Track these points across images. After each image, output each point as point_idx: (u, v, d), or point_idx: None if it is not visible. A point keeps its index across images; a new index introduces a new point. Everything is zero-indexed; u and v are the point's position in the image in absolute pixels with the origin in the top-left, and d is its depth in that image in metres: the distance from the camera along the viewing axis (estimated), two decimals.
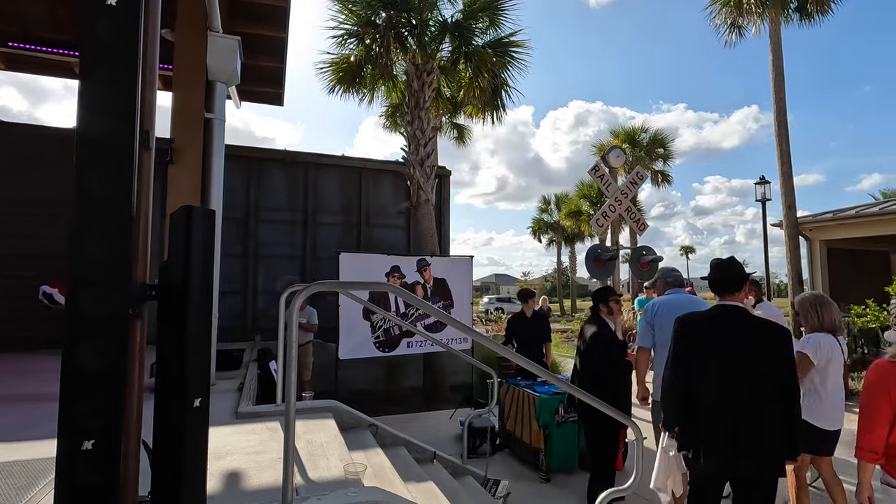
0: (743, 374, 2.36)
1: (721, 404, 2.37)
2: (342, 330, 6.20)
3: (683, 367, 2.48)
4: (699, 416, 2.41)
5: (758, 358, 2.37)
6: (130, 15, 1.14)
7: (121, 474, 1.11)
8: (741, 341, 2.41)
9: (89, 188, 1.11)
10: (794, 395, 2.38)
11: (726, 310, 2.51)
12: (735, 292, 2.53)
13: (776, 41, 11.55)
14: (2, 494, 2.15)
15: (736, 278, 2.55)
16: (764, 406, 2.34)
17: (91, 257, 1.10)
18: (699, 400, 2.41)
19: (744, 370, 2.36)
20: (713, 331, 2.48)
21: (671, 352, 2.57)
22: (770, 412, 2.34)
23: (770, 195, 11.73)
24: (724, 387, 2.38)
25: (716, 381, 2.40)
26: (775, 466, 2.36)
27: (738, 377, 2.37)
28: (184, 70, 4.46)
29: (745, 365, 2.37)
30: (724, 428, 2.34)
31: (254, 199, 8.52)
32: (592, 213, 26.05)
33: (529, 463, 4.80)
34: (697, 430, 2.41)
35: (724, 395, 2.37)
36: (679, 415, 2.51)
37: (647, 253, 6.97)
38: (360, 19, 8.17)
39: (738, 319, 2.48)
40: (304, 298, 1.94)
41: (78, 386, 1.07)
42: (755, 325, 2.51)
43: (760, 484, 2.37)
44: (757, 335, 2.43)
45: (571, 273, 37.01)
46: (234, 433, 3.08)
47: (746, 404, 2.34)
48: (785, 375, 2.38)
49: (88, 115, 1.11)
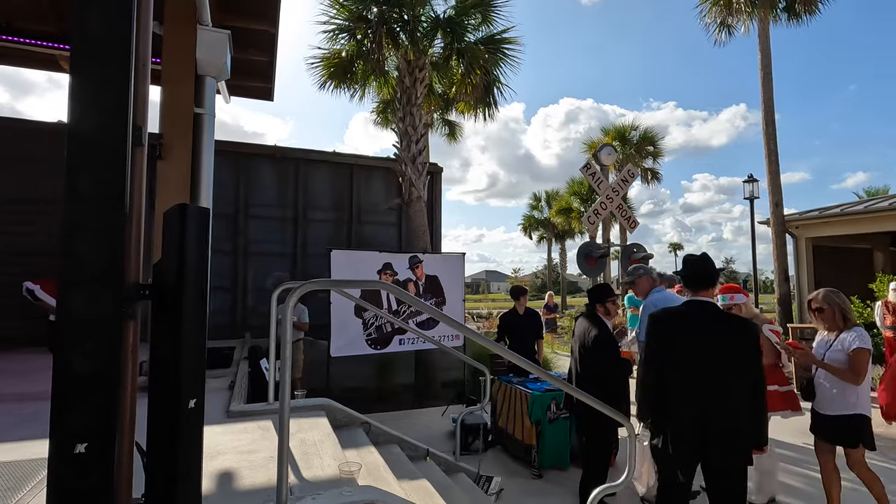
0: (713, 367, 2.46)
1: (691, 395, 2.46)
2: (334, 327, 6.17)
3: (657, 360, 2.57)
4: (670, 407, 2.50)
5: (728, 351, 2.47)
6: (123, 8, 1.11)
7: (114, 477, 1.09)
8: (713, 335, 2.51)
9: (81, 186, 1.08)
10: (761, 386, 2.50)
11: (699, 305, 2.60)
12: (708, 288, 2.63)
13: (765, 40, 11.68)
14: None
15: (709, 275, 2.64)
16: (733, 397, 2.43)
17: (83, 257, 1.08)
18: (671, 392, 2.50)
19: (714, 363, 2.46)
20: (687, 325, 2.57)
21: (645, 346, 2.67)
22: (738, 403, 2.42)
23: (758, 193, 11.89)
24: (695, 379, 2.47)
25: (687, 373, 2.48)
26: (742, 454, 2.45)
27: (708, 369, 2.46)
28: (173, 64, 4.38)
29: (715, 358, 2.47)
30: (693, 418, 2.43)
31: (243, 195, 8.43)
32: (583, 210, 26.21)
33: (522, 459, 4.83)
34: (668, 420, 2.50)
35: (694, 387, 2.46)
36: (652, 407, 2.60)
37: (638, 250, 7.03)
38: (351, 14, 8.10)
39: (710, 314, 2.58)
40: (298, 296, 1.92)
41: (71, 388, 1.04)
42: (726, 319, 2.62)
43: (730, 472, 2.45)
44: (728, 329, 2.54)
45: (562, 270, 37.21)
46: (226, 432, 3.05)
47: (716, 395, 2.43)
48: (752, 367, 2.47)
49: (80, 110, 1.08)
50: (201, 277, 1.28)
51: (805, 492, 4.09)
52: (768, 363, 3.82)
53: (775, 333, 3.89)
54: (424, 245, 8.28)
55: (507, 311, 6.22)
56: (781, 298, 11.36)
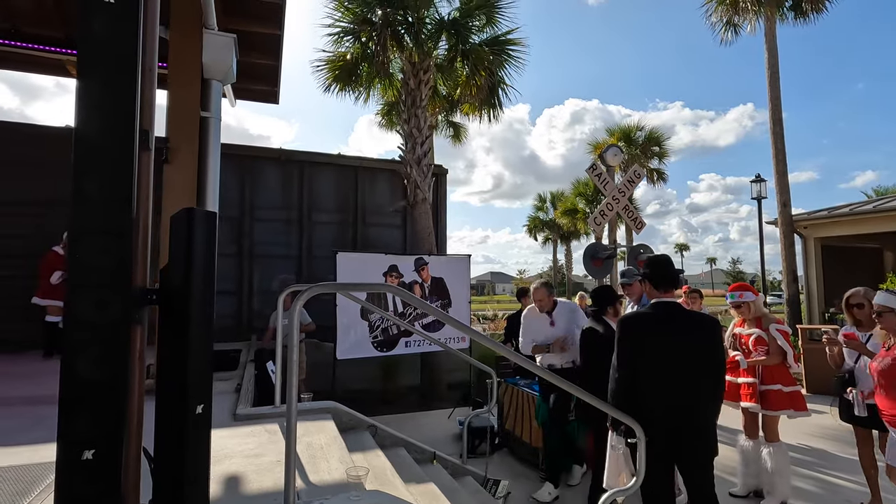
0: (682, 365, 2.55)
1: (662, 393, 2.56)
2: (340, 329, 6.16)
3: (628, 362, 2.64)
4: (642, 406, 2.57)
5: (695, 349, 2.58)
6: (129, 13, 1.11)
7: (122, 483, 1.09)
8: (680, 335, 2.60)
9: (88, 190, 1.08)
10: (723, 378, 2.66)
11: (664, 306, 2.69)
12: (673, 289, 2.75)
13: (771, 39, 11.60)
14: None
15: (673, 275, 2.76)
16: (700, 393, 2.55)
17: (90, 261, 1.07)
18: (644, 391, 2.59)
19: (682, 361, 2.56)
20: (654, 326, 2.65)
21: (616, 350, 2.71)
22: (705, 398, 2.56)
23: (765, 193, 11.79)
24: (665, 377, 2.56)
25: (657, 372, 2.57)
26: (710, 447, 2.57)
27: (677, 367, 2.55)
28: (179, 68, 4.40)
29: (683, 356, 2.56)
30: (664, 415, 2.53)
31: (248, 197, 8.46)
32: (588, 210, 26.09)
33: (529, 462, 4.79)
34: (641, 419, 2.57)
35: (665, 385, 2.56)
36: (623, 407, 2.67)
37: (645, 251, 6.99)
38: (356, 17, 8.11)
39: (676, 314, 2.67)
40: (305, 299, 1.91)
41: (78, 394, 1.04)
42: (691, 318, 2.73)
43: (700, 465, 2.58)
44: (694, 327, 2.64)
45: (567, 271, 37.09)
46: (233, 436, 3.05)
47: (685, 392, 2.54)
48: (716, 363, 2.61)
49: (87, 114, 1.08)
50: (208, 282, 1.28)
51: (816, 494, 4.04)
52: (775, 363, 3.78)
53: (783, 333, 3.85)
54: (430, 247, 8.27)
55: (514, 312, 6.19)
56: (790, 299, 11.25)
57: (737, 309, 4.06)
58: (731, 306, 4.13)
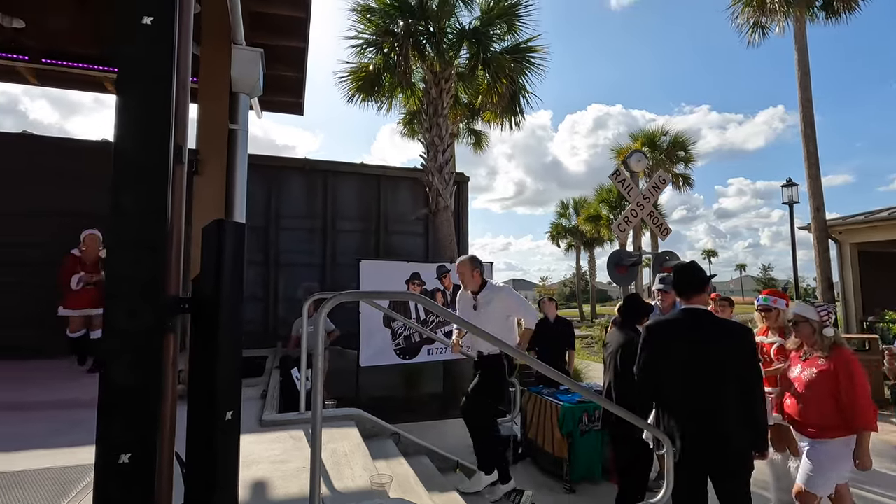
0: (708, 372, 2.49)
1: (690, 401, 2.50)
2: (363, 337, 6.22)
3: (651, 368, 2.61)
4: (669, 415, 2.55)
5: (723, 356, 2.50)
6: (165, 33, 1.15)
7: (156, 487, 1.12)
8: (707, 341, 2.53)
9: (125, 203, 1.12)
10: (757, 390, 2.51)
11: (691, 312, 2.63)
12: (698, 295, 2.66)
13: (801, 40, 11.30)
14: (37, 501, 2.19)
15: (697, 281, 2.67)
16: (728, 401, 2.45)
17: (127, 272, 1.11)
18: (670, 399, 2.56)
19: (709, 368, 2.49)
20: (681, 333, 2.60)
21: (639, 355, 2.67)
22: (734, 407, 2.45)
23: (797, 197, 11.42)
24: (694, 385, 2.50)
25: (683, 380, 2.52)
26: (740, 458, 2.47)
27: (703, 375, 2.49)
28: (208, 82, 4.54)
29: (710, 363, 2.50)
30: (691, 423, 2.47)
31: (274, 207, 8.64)
32: (612, 217, 25.74)
33: (552, 473, 4.72)
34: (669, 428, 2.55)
35: (693, 393, 2.50)
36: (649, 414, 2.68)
37: (671, 258, 6.85)
38: (378, 28, 8.24)
39: (703, 320, 2.60)
40: (330, 307, 1.94)
41: (115, 399, 1.07)
42: (720, 324, 2.64)
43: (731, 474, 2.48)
44: (723, 334, 2.56)
45: (591, 278, 36.58)
46: (259, 441, 3.10)
47: (712, 400, 2.47)
48: (747, 371, 2.50)
49: (125, 130, 1.13)
50: (238, 292, 1.31)
51: None
52: None
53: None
54: (452, 254, 8.28)
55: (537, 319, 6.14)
56: None
57: (765, 313, 3.95)
58: (758, 309, 4.02)
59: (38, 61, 6.13)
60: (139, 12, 1.13)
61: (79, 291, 5.14)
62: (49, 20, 5.67)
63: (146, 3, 1.14)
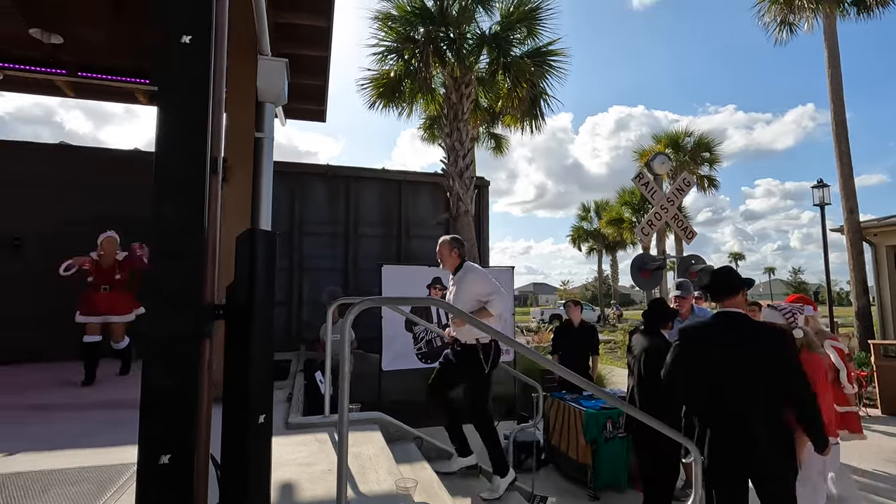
0: (744, 376, 2.45)
1: (726, 406, 2.46)
2: (385, 341, 6.26)
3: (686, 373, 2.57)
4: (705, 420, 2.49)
5: (759, 360, 2.46)
6: (202, 51, 1.21)
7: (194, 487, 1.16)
8: (743, 344, 2.49)
9: (165, 214, 1.18)
10: (803, 392, 2.42)
11: (726, 316, 2.60)
12: (731, 297, 2.63)
13: (831, 36, 10.99)
14: (74, 499, 2.28)
15: (733, 284, 2.65)
16: (765, 404, 2.41)
17: (167, 280, 1.17)
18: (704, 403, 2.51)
19: (745, 372, 2.45)
20: (715, 336, 2.57)
21: (671, 360, 2.65)
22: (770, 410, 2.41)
23: (829, 199, 11.06)
24: (728, 388, 2.46)
25: (720, 383, 2.48)
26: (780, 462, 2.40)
27: (740, 378, 2.45)
28: (235, 92, 4.65)
29: (746, 367, 2.45)
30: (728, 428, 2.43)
31: (298, 212, 8.79)
32: (634, 220, 25.37)
33: (576, 479, 4.68)
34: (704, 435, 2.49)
35: (728, 396, 2.46)
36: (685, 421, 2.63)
37: (696, 262, 6.72)
38: (399, 36, 8.35)
39: (739, 324, 2.57)
40: (356, 313, 1.97)
41: (155, 401, 1.12)
42: (756, 328, 2.60)
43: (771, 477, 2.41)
44: (758, 337, 2.52)
45: (613, 282, 36.09)
46: (286, 444, 3.15)
47: (747, 404, 2.42)
48: (788, 374, 2.44)
49: (165, 144, 1.18)
50: (269, 299, 1.36)
51: None
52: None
53: (837, 351, 3.62)
54: (472, 259, 8.29)
55: (561, 324, 6.10)
56: (860, 311, 10.47)
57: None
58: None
59: (75, 75, 6.38)
60: (178, 32, 1.19)
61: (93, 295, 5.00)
62: (86, 35, 5.91)
63: (184, 24, 1.19)
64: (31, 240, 6.81)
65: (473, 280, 3.61)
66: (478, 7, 8.52)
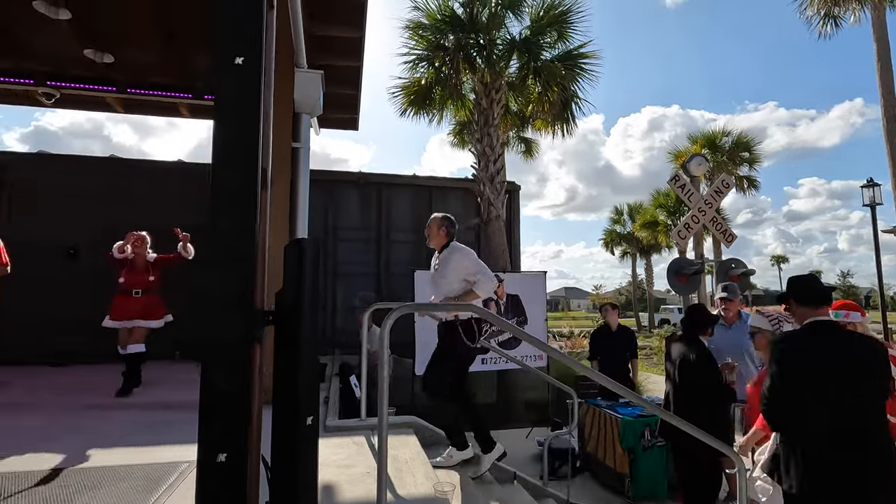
0: (843, 389, 2.30)
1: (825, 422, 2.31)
2: (418, 345, 6.32)
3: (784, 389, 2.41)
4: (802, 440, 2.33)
5: (854, 372, 2.32)
6: (253, 71, 1.28)
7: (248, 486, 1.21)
8: (838, 355, 2.36)
9: (221, 224, 1.25)
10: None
11: (820, 325, 2.46)
12: (820, 306, 2.50)
13: (880, 29, 10.50)
14: (125, 495, 2.40)
15: (820, 292, 2.54)
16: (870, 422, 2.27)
17: (222, 287, 1.23)
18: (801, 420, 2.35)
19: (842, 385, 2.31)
20: (811, 347, 2.42)
21: (770, 374, 2.47)
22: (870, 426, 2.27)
23: (880, 198, 10.52)
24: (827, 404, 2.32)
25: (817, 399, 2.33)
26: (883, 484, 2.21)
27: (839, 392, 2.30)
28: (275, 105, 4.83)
29: (842, 380, 2.31)
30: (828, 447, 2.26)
31: (331, 219, 8.99)
32: (670, 223, 24.73)
33: (613, 488, 4.59)
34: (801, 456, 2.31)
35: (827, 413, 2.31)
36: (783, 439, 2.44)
37: (737, 266, 6.51)
38: (430, 44, 8.44)
39: (833, 334, 2.44)
40: (394, 319, 2.02)
41: (214, 402, 1.19)
42: (850, 338, 2.46)
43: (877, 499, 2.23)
44: (855, 348, 2.38)
45: (648, 286, 35.19)
46: (324, 446, 3.20)
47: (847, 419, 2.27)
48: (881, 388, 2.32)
49: (222, 158, 1.25)
50: (315, 305, 1.41)
51: None
52: None
53: (892, 359, 3.42)
54: (504, 264, 8.27)
55: (597, 328, 6.02)
56: None
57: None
58: None
59: (125, 91, 6.74)
60: (232, 54, 1.26)
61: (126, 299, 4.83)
62: (135, 55, 6.24)
63: (238, 46, 1.27)
64: (85, 249, 7.21)
65: (460, 258, 3.54)
66: (507, 13, 8.53)
